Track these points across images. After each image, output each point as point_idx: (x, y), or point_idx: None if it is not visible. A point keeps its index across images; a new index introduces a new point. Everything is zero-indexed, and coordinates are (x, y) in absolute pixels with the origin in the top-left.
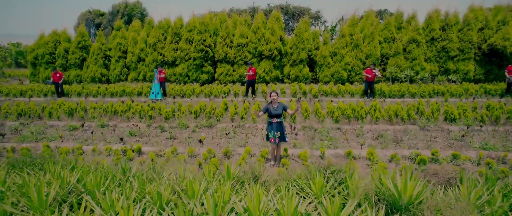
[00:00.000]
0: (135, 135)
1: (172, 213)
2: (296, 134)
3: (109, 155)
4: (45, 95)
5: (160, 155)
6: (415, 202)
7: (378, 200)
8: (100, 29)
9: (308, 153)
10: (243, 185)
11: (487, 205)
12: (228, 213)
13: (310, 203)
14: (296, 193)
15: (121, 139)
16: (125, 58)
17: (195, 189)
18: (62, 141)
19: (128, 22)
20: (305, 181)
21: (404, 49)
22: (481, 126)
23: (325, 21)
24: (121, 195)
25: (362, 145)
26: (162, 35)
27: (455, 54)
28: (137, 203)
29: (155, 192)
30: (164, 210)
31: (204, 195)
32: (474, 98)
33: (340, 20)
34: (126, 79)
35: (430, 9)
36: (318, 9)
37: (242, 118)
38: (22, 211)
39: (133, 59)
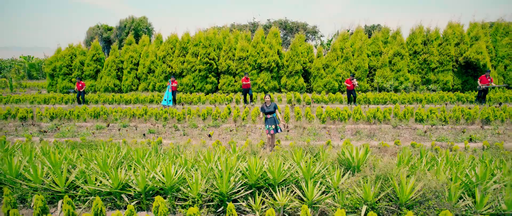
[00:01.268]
0: (154, 133)
1: (196, 170)
2: (288, 131)
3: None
4: (66, 102)
5: (177, 145)
6: (363, 164)
7: (340, 164)
8: (114, 43)
9: (296, 143)
10: (245, 159)
11: (415, 167)
12: (235, 171)
13: (291, 165)
14: (282, 162)
15: (144, 134)
16: (136, 69)
17: (211, 157)
18: (94, 137)
19: (135, 36)
20: (289, 154)
21: (390, 62)
22: (443, 125)
23: (321, 36)
24: (158, 164)
25: (341, 139)
26: (171, 49)
27: (435, 66)
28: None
29: (183, 159)
30: (190, 171)
31: (219, 161)
32: (446, 104)
33: (335, 34)
34: (137, 89)
35: (414, 25)
36: (315, 24)
37: (243, 119)
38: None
39: (144, 71)
